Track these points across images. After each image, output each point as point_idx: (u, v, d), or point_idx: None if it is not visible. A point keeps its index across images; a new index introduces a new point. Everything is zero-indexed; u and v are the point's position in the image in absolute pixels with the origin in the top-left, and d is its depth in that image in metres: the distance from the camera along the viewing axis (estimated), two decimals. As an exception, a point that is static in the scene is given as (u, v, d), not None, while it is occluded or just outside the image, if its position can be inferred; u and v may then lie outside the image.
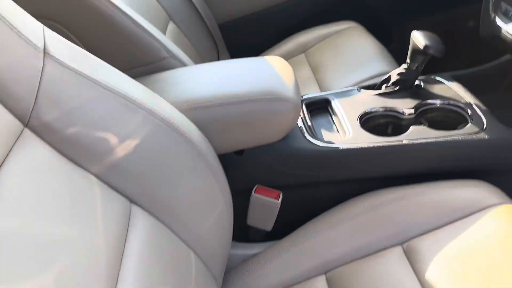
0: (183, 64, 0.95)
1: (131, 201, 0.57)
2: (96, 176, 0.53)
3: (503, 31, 0.90)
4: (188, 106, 0.76)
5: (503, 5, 0.91)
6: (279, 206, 0.86)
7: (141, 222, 0.56)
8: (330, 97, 1.02)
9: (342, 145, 0.86)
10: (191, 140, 0.66)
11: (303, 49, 1.57)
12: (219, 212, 0.71)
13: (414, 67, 0.97)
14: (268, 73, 0.85)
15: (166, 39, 0.95)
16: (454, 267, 0.68)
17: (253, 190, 0.87)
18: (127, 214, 0.55)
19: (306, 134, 0.90)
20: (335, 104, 0.99)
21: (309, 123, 0.94)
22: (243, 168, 0.87)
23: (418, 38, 0.92)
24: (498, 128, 0.86)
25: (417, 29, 0.94)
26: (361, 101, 0.98)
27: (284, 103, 0.80)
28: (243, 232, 0.90)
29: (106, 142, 0.54)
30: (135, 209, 0.57)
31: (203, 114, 0.77)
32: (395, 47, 1.58)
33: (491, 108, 0.93)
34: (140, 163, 0.58)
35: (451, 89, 0.99)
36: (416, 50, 0.93)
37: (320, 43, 1.53)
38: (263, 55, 1.62)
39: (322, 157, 0.86)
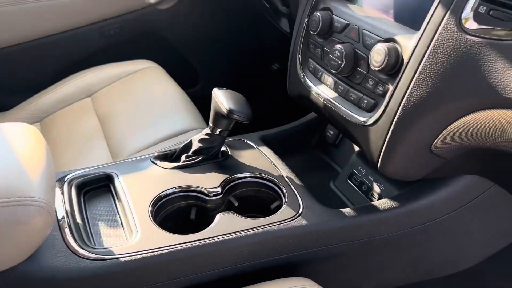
0: None
1: None
2: None
3: (312, 93, 0.79)
4: None
5: (311, 64, 0.79)
6: None
7: None
8: (113, 172, 0.75)
9: (127, 256, 0.60)
10: None
11: (90, 92, 1.27)
12: None
13: (219, 132, 0.78)
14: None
15: None
16: None
17: None
18: None
19: (72, 241, 0.60)
20: (120, 183, 0.73)
21: (79, 220, 0.65)
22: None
23: (221, 100, 0.73)
24: (316, 208, 0.72)
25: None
26: (155, 179, 0.74)
27: (23, 208, 0.50)
28: None
29: None
30: None
31: None
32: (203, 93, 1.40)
33: (302, 174, 0.80)
34: None
35: (262, 155, 0.84)
36: (219, 114, 0.75)
37: (110, 86, 1.25)
38: (36, 99, 1.25)
39: (97, 279, 0.58)
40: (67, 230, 0.62)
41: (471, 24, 0.54)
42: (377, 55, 0.63)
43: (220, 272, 0.66)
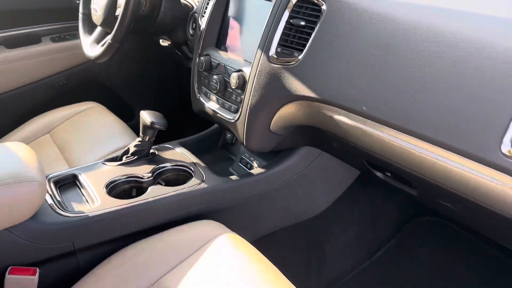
0: None
1: None
2: None
3: (206, 107, 1.22)
4: None
5: (203, 88, 1.24)
6: (37, 281, 0.90)
7: None
8: (77, 172, 1.13)
9: (92, 213, 0.98)
10: None
11: (48, 130, 1.62)
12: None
13: (147, 139, 1.19)
14: (8, 158, 0.91)
15: None
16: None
17: (7, 272, 0.88)
18: None
19: (57, 209, 0.98)
20: (83, 178, 1.11)
21: (58, 199, 1.02)
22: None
23: (146, 116, 1.14)
24: (214, 178, 1.14)
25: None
26: (106, 173, 1.13)
27: (27, 183, 0.87)
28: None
29: None
30: None
31: None
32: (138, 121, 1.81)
33: (209, 164, 1.22)
34: None
35: (179, 153, 1.25)
36: (145, 126, 1.16)
37: (65, 123, 1.62)
38: (2, 141, 1.59)
39: (75, 228, 0.96)
40: (53, 204, 0.99)
41: (274, 58, 1.00)
42: (233, 79, 1.08)
43: (153, 222, 1.05)
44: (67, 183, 1.12)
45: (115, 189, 1.11)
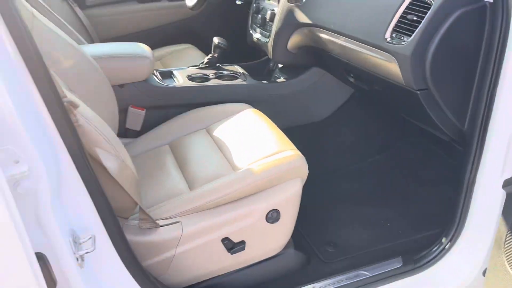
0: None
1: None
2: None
3: (253, 37, 1.89)
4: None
5: (253, 25, 1.90)
6: (144, 114, 1.64)
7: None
8: (173, 70, 1.86)
9: (177, 85, 1.70)
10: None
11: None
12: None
13: (216, 54, 1.88)
14: (136, 46, 1.66)
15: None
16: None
17: (129, 107, 1.64)
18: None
19: (158, 80, 1.71)
20: (175, 72, 1.84)
21: (160, 77, 1.75)
22: (123, 95, 1.62)
23: (215, 39, 1.84)
24: (253, 81, 1.79)
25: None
26: (188, 71, 1.85)
27: (144, 59, 1.61)
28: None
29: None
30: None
31: (101, 63, 1.51)
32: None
33: (253, 76, 1.88)
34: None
35: (235, 67, 1.93)
36: (215, 45, 1.85)
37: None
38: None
39: (166, 90, 1.68)
40: (157, 75, 1.74)
41: (290, 0, 1.63)
42: (268, 15, 1.72)
43: (209, 99, 1.74)
44: (166, 72, 1.85)
45: (192, 78, 1.81)
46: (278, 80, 1.83)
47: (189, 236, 1.15)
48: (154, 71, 1.78)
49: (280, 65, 1.93)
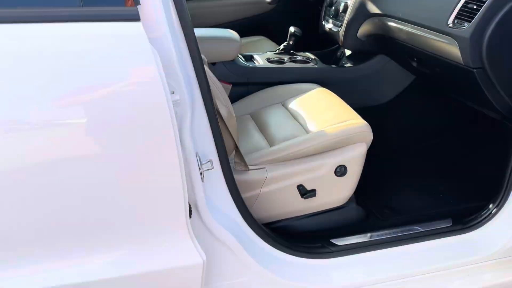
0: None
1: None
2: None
3: (326, 27, 2.13)
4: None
5: (326, 17, 2.15)
6: (230, 88, 1.93)
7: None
8: (254, 54, 2.14)
9: (258, 66, 1.98)
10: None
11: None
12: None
13: (291, 42, 2.14)
14: (226, 31, 1.96)
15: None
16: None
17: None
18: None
19: (243, 60, 2.00)
20: (257, 57, 2.11)
21: (244, 59, 2.05)
22: (214, 72, 1.92)
23: (291, 28, 2.11)
24: (323, 65, 2.04)
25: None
26: (267, 56, 2.12)
27: (233, 42, 1.90)
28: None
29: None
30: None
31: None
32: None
33: (323, 61, 2.12)
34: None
35: (306, 54, 2.18)
36: (290, 33, 2.12)
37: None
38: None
39: (249, 70, 1.97)
40: (242, 58, 2.03)
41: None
42: (341, 7, 1.96)
43: (283, 79, 2.00)
44: (248, 56, 2.13)
45: (271, 61, 2.08)
46: (345, 65, 2.06)
47: (271, 180, 1.41)
48: (239, 55, 2.07)
49: (347, 53, 2.16)
